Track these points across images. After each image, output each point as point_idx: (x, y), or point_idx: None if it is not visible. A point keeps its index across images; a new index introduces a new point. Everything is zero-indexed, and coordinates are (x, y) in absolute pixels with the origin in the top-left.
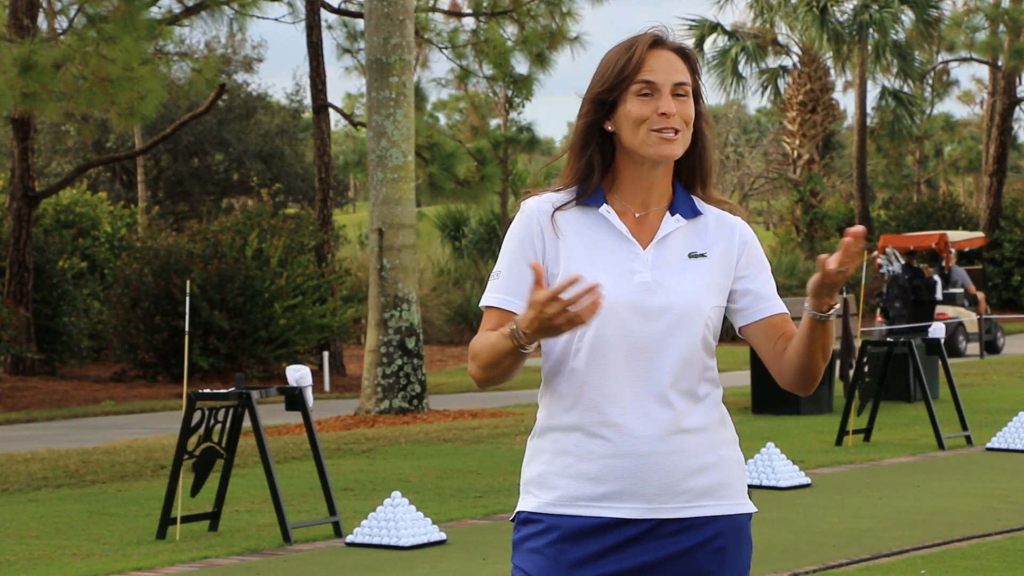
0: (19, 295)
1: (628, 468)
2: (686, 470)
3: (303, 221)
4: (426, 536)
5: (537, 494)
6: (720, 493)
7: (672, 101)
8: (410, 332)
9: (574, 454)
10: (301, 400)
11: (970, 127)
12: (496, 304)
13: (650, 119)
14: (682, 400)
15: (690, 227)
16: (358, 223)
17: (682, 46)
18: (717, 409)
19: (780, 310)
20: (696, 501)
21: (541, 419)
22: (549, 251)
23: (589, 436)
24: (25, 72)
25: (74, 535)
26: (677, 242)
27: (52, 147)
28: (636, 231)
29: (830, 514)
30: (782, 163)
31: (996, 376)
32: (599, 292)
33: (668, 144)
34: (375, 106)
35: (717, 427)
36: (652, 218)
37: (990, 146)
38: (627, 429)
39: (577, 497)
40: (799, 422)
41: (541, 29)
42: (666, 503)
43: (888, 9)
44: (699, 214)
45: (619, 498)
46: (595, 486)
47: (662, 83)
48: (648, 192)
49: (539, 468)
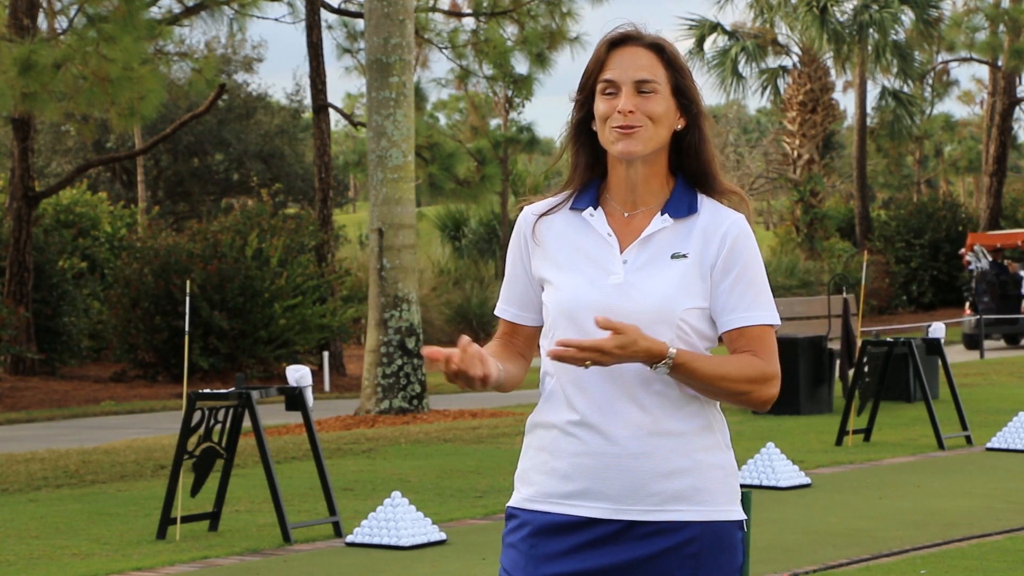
0: (19, 295)
1: (595, 467)
2: (656, 473)
3: (303, 221)
4: (426, 536)
5: (519, 489)
6: (696, 499)
7: (633, 98)
8: (410, 332)
9: (549, 451)
10: (301, 400)
11: (970, 127)
12: (496, 312)
13: (611, 117)
14: (656, 403)
15: (678, 227)
16: (358, 223)
17: (656, 42)
18: (701, 415)
19: (737, 324)
20: (666, 505)
21: (532, 415)
22: (534, 259)
23: (563, 434)
24: (25, 72)
25: (74, 535)
26: (661, 243)
27: (52, 147)
28: (622, 232)
29: (830, 514)
30: (782, 163)
31: (996, 376)
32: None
33: (627, 140)
34: (375, 106)
35: (698, 432)
36: (641, 218)
37: (990, 146)
38: (598, 429)
39: (549, 494)
40: (799, 422)
41: (541, 29)
42: (633, 504)
43: (888, 9)
44: (692, 213)
45: (586, 496)
46: (565, 483)
47: (622, 81)
48: (635, 191)
49: (524, 463)
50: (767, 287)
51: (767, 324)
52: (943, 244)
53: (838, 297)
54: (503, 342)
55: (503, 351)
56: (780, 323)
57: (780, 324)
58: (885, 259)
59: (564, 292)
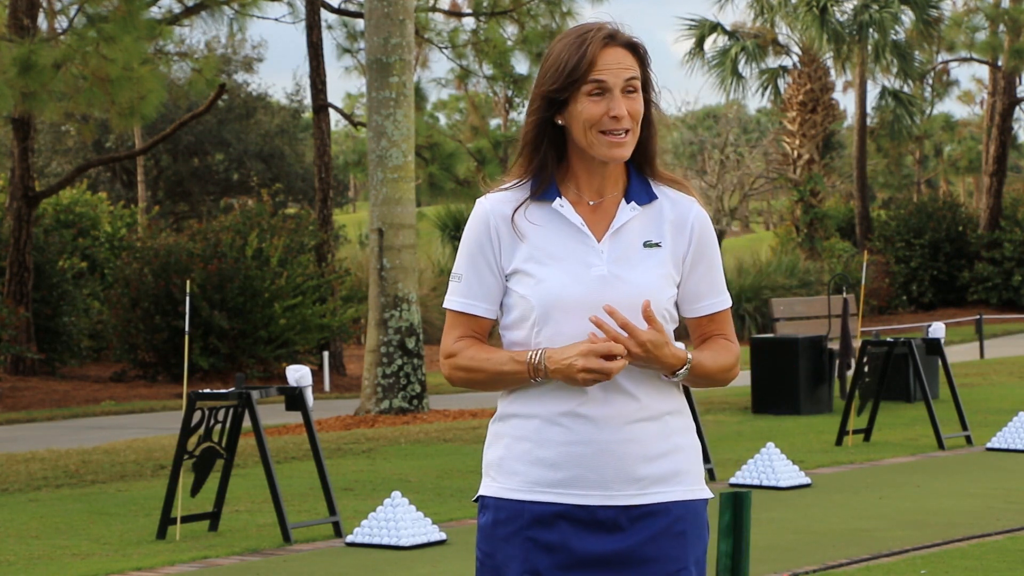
0: (19, 295)
1: (585, 455)
2: (642, 457)
3: (303, 221)
4: (426, 536)
5: (498, 479)
6: (675, 480)
7: (623, 101)
8: (410, 332)
9: (533, 440)
10: (301, 400)
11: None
12: (459, 308)
13: (600, 121)
14: (642, 390)
15: (645, 214)
16: (358, 223)
17: (632, 41)
18: (677, 398)
19: (709, 311)
20: (653, 488)
21: (503, 404)
22: (505, 252)
23: (548, 423)
24: (25, 72)
25: (74, 535)
26: (633, 231)
27: (52, 147)
28: (591, 221)
29: (830, 514)
30: (782, 163)
31: (996, 376)
32: (622, 357)
33: (618, 147)
34: (375, 106)
35: (675, 415)
36: (607, 206)
37: (990, 146)
38: (588, 417)
39: (537, 483)
40: (799, 422)
41: (541, 29)
42: (623, 489)
43: (888, 9)
44: (654, 199)
45: (577, 484)
46: (553, 472)
47: (613, 83)
48: (602, 181)
49: (500, 452)
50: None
51: (728, 307)
52: (943, 244)
53: (838, 297)
54: (475, 340)
55: (482, 348)
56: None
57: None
58: (885, 259)
59: (547, 284)
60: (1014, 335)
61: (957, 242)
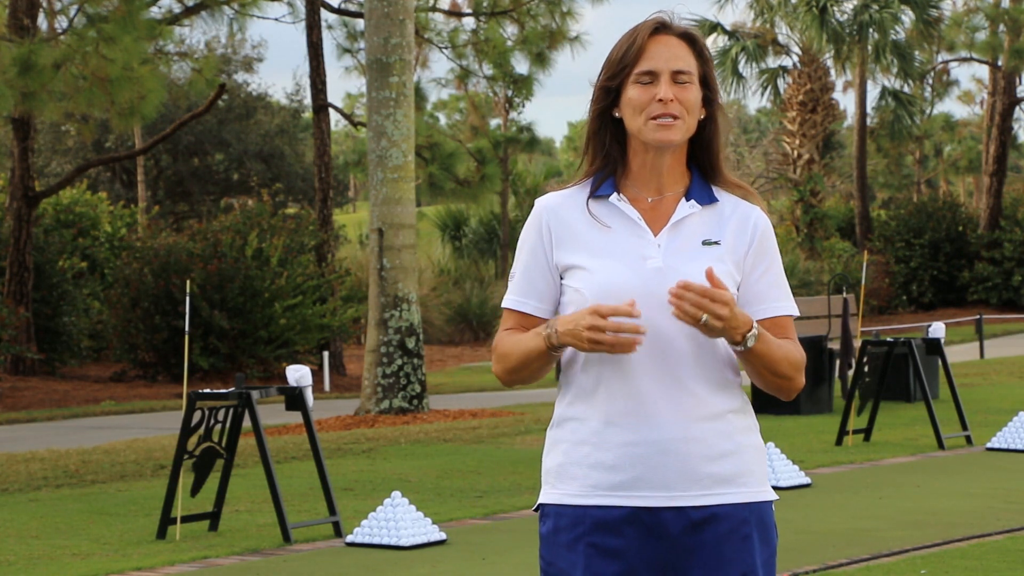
0: (19, 295)
1: (645, 456)
2: (705, 457)
3: (303, 221)
4: (426, 536)
5: (558, 485)
6: (740, 481)
7: (671, 87)
8: (410, 332)
9: (591, 443)
10: (301, 400)
11: (970, 127)
12: (510, 306)
13: (649, 106)
14: (702, 387)
15: (705, 213)
16: (358, 223)
17: (688, 32)
18: (739, 396)
19: (771, 314)
20: (715, 488)
21: (559, 409)
22: (557, 250)
23: (607, 425)
24: (25, 72)
25: (74, 535)
26: (691, 228)
27: (52, 147)
28: (649, 217)
29: (830, 514)
30: (782, 163)
31: (996, 376)
32: (641, 334)
33: (665, 130)
34: (375, 106)
35: (738, 414)
36: (667, 203)
37: (990, 146)
38: (645, 417)
39: (596, 486)
40: (799, 422)
41: (541, 29)
42: (685, 491)
43: (888, 9)
44: (715, 201)
45: (638, 486)
46: (613, 474)
47: (661, 70)
48: (660, 177)
49: (559, 458)
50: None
51: (793, 314)
52: (943, 244)
53: (838, 297)
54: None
55: (514, 334)
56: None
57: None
58: (885, 259)
59: (602, 276)
60: (1014, 335)
61: (957, 242)
